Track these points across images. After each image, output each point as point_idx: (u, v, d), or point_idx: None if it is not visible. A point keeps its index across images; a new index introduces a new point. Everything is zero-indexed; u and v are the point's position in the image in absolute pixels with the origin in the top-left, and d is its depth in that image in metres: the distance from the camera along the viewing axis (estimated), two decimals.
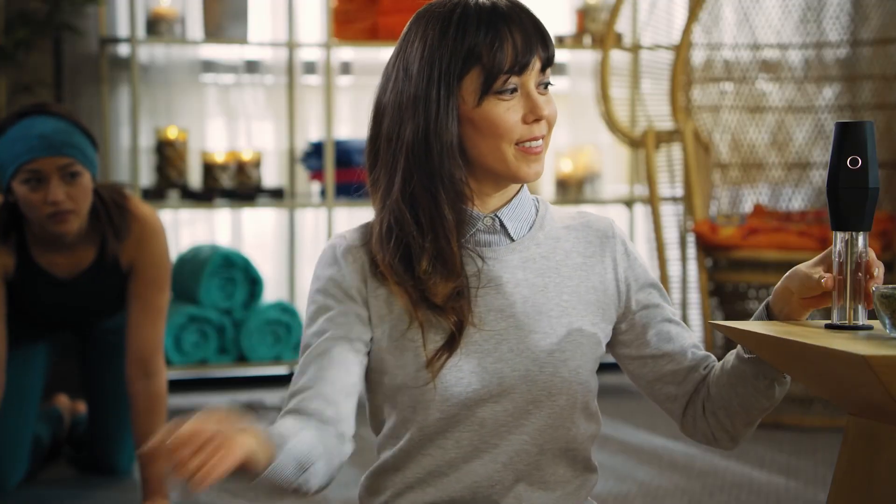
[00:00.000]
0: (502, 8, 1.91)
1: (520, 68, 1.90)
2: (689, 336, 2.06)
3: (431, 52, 1.92)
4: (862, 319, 1.91)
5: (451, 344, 1.91)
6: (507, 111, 1.90)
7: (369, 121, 2.02)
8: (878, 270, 1.91)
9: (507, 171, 1.93)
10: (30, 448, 3.86)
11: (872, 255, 1.91)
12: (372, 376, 1.99)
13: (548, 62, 1.93)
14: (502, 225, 1.98)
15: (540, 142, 1.93)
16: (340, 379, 1.94)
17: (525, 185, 2.01)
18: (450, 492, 1.95)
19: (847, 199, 1.84)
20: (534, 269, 1.98)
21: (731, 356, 2.00)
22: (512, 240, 1.98)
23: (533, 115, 1.91)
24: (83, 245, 3.59)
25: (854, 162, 1.83)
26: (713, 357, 2.06)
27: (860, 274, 1.89)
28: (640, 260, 2.06)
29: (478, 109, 1.91)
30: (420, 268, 1.91)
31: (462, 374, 1.92)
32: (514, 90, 1.91)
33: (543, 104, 1.92)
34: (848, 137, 1.83)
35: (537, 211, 2.02)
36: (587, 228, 2.04)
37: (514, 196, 1.99)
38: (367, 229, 2.00)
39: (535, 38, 1.91)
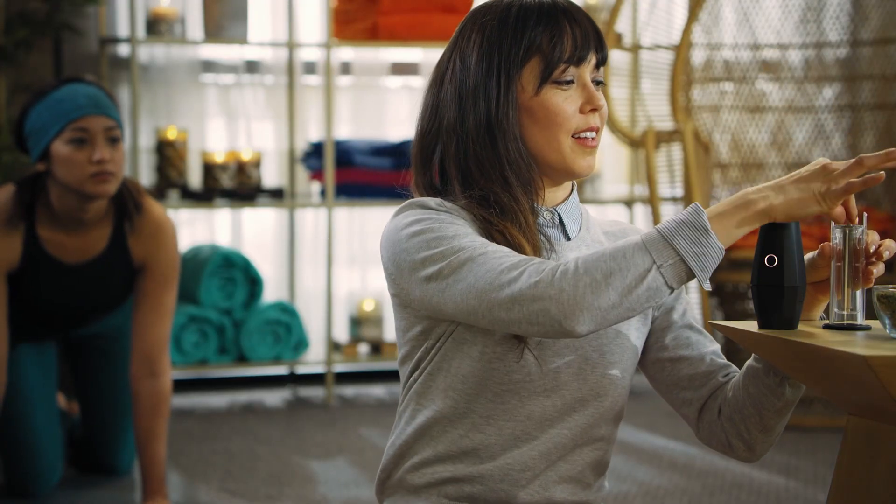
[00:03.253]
0: (561, 4, 1.96)
1: (578, 60, 1.95)
2: (709, 343, 2.07)
3: (490, 43, 1.95)
4: (861, 314, 1.91)
5: None
6: (564, 100, 1.94)
7: (420, 117, 2.01)
8: (888, 251, 1.90)
9: (563, 162, 1.95)
10: (62, 448, 3.86)
11: (874, 235, 1.91)
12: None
13: (602, 60, 1.99)
14: (561, 221, 2.00)
15: (595, 134, 1.96)
16: None
17: (576, 188, 2.04)
18: (481, 469, 1.96)
19: (763, 296, 1.86)
20: None
21: (749, 360, 2.00)
22: (568, 238, 2.00)
23: (590, 105, 1.95)
24: (97, 228, 3.59)
25: (771, 260, 1.87)
26: (735, 367, 2.06)
27: (859, 263, 1.89)
28: None
29: (536, 98, 1.94)
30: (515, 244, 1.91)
31: (525, 363, 1.93)
32: (571, 81, 1.95)
33: (599, 96, 1.96)
34: (768, 236, 1.87)
35: (581, 214, 2.05)
36: (624, 235, 2.08)
37: (570, 195, 2.02)
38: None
39: (592, 35, 1.97)
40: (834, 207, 1.81)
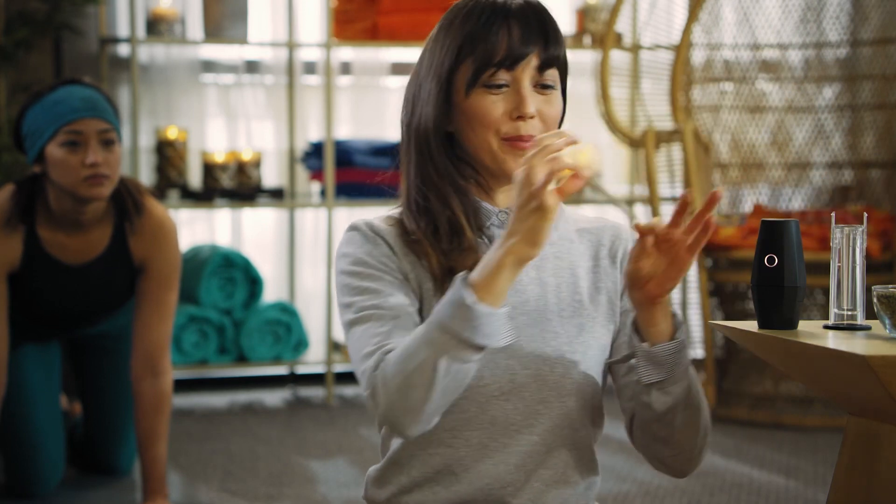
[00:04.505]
0: (510, 4, 1.91)
1: (511, 63, 1.89)
2: None
3: (434, 45, 1.94)
4: (861, 314, 1.91)
5: None
6: (492, 103, 1.90)
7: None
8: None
9: (495, 163, 1.92)
10: (64, 449, 3.86)
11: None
12: None
13: (548, 62, 1.91)
14: None
15: (528, 142, 1.89)
16: None
17: None
18: (461, 493, 1.93)
19: (762, 296, 1.87)
20: (547, 268, 1.97)
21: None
22: None
23: (517, 112, 1.89)
24: (97, 228, 3.59)
25: (771, 260, 1.87)
26: None
27: (858, 270, 1.89)
28: None
29: (467, 101, 1.91)
30: (445, 241, 1.90)
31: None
32: (504, 85, 1.90)
33: (532, 102, 1.90)
34: (768, 236, 1.86)
35: None
36: (601, 232, 2.03)
37: None
38: (388, 216, 1.97)
39: (535, 35, 1.90)
40: (551, 197, 1.72)
